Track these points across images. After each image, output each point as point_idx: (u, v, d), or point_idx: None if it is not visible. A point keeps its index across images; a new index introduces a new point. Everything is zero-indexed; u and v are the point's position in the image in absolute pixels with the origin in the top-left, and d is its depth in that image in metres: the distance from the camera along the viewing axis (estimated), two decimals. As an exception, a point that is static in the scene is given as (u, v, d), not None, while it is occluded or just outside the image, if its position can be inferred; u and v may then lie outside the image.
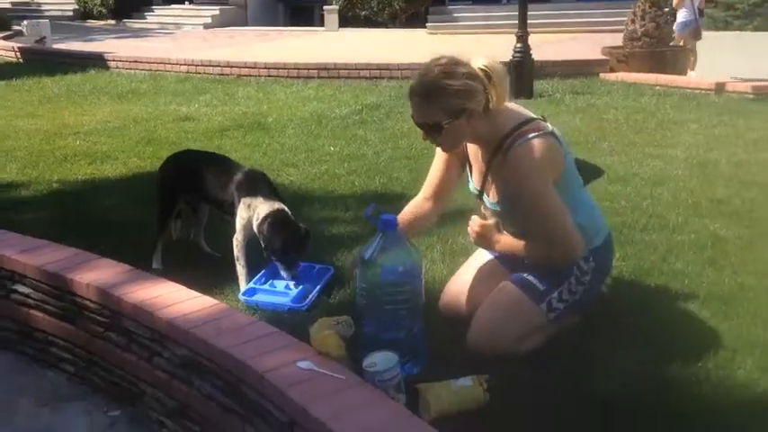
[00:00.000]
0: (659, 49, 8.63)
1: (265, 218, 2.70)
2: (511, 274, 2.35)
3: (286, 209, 2.77)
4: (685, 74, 8.33)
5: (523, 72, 7.43)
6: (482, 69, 2.17)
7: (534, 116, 2.28)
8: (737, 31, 14.07)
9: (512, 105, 2.29)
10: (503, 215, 2.34)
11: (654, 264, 2.93)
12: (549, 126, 2.25)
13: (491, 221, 2.37)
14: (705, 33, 9.74)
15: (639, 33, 8.69)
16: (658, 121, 5.94)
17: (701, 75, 7.97)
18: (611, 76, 8.35)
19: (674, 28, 9.28)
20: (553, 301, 2.26)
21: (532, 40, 7.91)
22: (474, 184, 2.42)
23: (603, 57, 8.89)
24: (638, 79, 7.99)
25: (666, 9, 8.97)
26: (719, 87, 7.21)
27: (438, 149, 2.42)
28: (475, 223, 2.35)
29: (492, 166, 2.27)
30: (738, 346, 2.26)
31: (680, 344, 2.29)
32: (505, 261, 2.43)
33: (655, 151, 4.89)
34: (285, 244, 2.67)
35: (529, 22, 7.89)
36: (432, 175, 2.50)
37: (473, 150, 2.36)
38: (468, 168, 2.43)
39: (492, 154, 2.24)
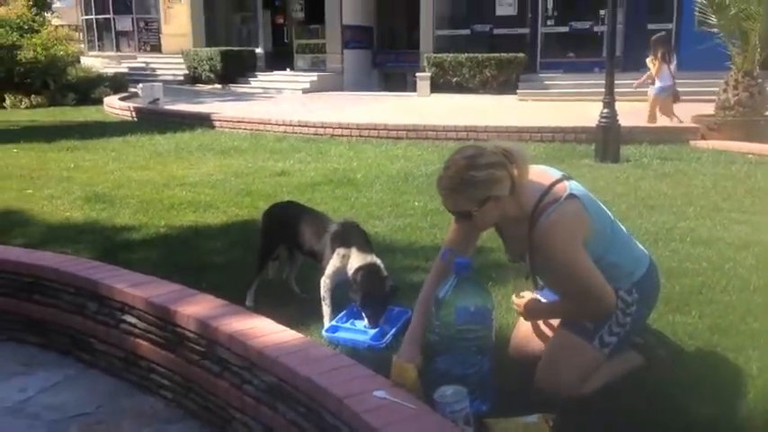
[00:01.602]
0: (753, 119, 8.49)
1: (359, 269, 2.87)
2: None
3: (378, 262, 2.92)
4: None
5: (610, 137, 7.48)
6: (503, 153, 2.27)
7: (553, 179, 2.34)
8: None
9: (533, 173, 2.33)
10: (543, 279, 2.49)
11: (732, 323, 2.94)
12: (567, 186, 2.31)
13: (527, 296, 2.53)
14: None
15: (732, 102, 8.60)
16: (748, 189, 5.84)
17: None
18: (702, 144, 8.25)
19: (651, 92, 10.14)
20: (604, 336, 2.37)
21: (625, 107, 7.96)
22: (509, 254, 2.55)
23: (694, 125, 8.81)
24: (729, 147, 7.87)
25: (760, 80, 8.85)
26: (817, 157, 7.03)
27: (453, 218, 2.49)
28: (518, 306, 2.53)
29: (525, 241, 2.36)
30: (812, 404, 2.26)
31: (751, 397, 2.31)
32: None
33: (741, 217, 4.83)
34: (372, 297, 2.84)
35: (622, 90, 7.95)
36: (451, 237, 2.54)
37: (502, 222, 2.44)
38: (501, 238, 2.56)
39: (525, 231, 2.32)
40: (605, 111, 7.67)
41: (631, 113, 10.55)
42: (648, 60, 10.45)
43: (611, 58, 7.92)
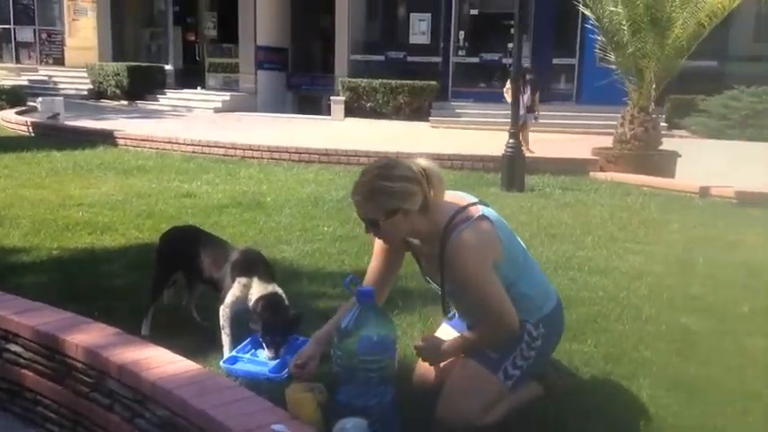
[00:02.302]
0: (647, 152, 8.94)
1: (259, 299, 2.80)
2: None
3: (280, 292, 2.86)
4: (673, 177, 8.61)
5: (515, 166, 7.71)
6: (421, 171, 2.31)
7: (468, 202, 2.39)
8: (729, 140, 14.53)
9: (449, 196, 2.40)
10: (454, 302, 2.50)
11: (624, 351, 3.04)
12: (481, 209, 2.37)
13: (428, 336, 2.53)
14: (698, 141, 10.32)
15: (628, 136, 9.04)
16: (642, 220, 6.12)
17: (687, 178, 8.24)
18: (601, 175, 8.62)
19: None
20: (508, 368, 2.38)
21: (530, 137, 8.16)
22: (425, 275, 2.56)
23: (594, 157, 9.20)
24: (625, 179, 8.23)
25: (654, 116, 9.37)
26: (704, 191, 7.42)
27: (376, 242, 2.56)
28: (416, 350, 2.49)
29: (437, 260, 2.38)
30: (698, 431, 2.36)
31: (643, 426, 2.38)
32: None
33: (636, 247, 5.05)
34: (273, 327, 2.76)
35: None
36: (371, 266, 2.59)
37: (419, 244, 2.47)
38: (415, 260, 2.56)
39: (437, 250, 2.35)
40: (510, 141, 7.92)
41: (536, 144, 10.98)
42: (504, 90, 11.43)
43: (516, 90, 8.20)
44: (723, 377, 2.82)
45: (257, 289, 2.83)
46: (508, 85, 10.95)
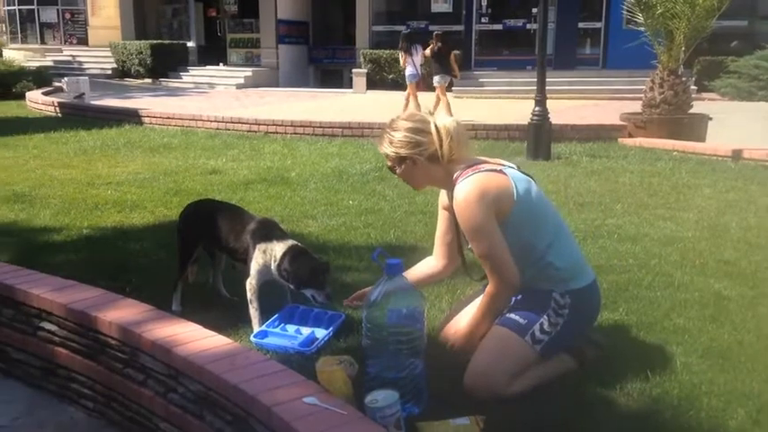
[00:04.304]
0: (677, 116, 8.75)
1: (284, 255, 2.83)
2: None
3: (299, 244, 2.91)
4: (704, 141, 8.43)
5: (541, 134, 7.60)
6: (435, 125, 2.42)
7: (497, 162, 2.46)
8: (761, 102, 14.18)
9: (474, 156, 2.49)
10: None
11: (656, 319, 3.00)
12: (504, 169, 2.41)
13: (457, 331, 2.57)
14: (728, 103, 10.08)
15: (658, 100, 8.85)
16: (672, 185, 6.01)
17: (719, 142, 8.08)
18: (630, 141, 8.48)
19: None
20: (536, 332, 2.40)
21: (556, 105, 8.07)
22: (463, 238, 2.57)
23: (622, 122, 9.04)
24: (655, 144, 8.11)
25: (684, 78, 9.15)
26: (736, 154, 7.28)
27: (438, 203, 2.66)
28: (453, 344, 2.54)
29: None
30: (733, 398, 2.33)
31: (676, 393, 2.35)
32: None
33: (667, 213, 4.97)
34: (311, 270, 2.79)
35: (554, 88, 8.08)
36: (436, 234, 2.70)
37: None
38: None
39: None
40: (537, 108, 7.80)
41: (562, 111, 10.81)
42: (400, 54, 12.04)
43: (542, 57, 8.07)
44: (757, 343, 2.77)
45: (278, 248, 2.87)
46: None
